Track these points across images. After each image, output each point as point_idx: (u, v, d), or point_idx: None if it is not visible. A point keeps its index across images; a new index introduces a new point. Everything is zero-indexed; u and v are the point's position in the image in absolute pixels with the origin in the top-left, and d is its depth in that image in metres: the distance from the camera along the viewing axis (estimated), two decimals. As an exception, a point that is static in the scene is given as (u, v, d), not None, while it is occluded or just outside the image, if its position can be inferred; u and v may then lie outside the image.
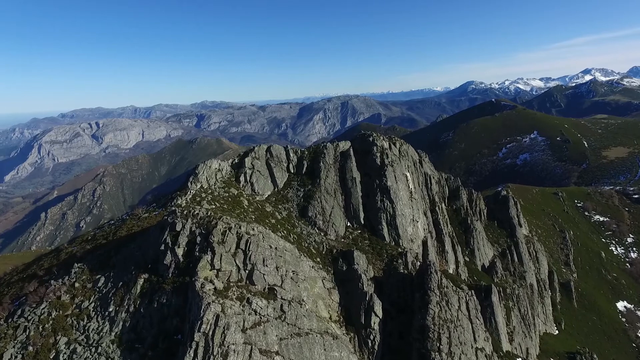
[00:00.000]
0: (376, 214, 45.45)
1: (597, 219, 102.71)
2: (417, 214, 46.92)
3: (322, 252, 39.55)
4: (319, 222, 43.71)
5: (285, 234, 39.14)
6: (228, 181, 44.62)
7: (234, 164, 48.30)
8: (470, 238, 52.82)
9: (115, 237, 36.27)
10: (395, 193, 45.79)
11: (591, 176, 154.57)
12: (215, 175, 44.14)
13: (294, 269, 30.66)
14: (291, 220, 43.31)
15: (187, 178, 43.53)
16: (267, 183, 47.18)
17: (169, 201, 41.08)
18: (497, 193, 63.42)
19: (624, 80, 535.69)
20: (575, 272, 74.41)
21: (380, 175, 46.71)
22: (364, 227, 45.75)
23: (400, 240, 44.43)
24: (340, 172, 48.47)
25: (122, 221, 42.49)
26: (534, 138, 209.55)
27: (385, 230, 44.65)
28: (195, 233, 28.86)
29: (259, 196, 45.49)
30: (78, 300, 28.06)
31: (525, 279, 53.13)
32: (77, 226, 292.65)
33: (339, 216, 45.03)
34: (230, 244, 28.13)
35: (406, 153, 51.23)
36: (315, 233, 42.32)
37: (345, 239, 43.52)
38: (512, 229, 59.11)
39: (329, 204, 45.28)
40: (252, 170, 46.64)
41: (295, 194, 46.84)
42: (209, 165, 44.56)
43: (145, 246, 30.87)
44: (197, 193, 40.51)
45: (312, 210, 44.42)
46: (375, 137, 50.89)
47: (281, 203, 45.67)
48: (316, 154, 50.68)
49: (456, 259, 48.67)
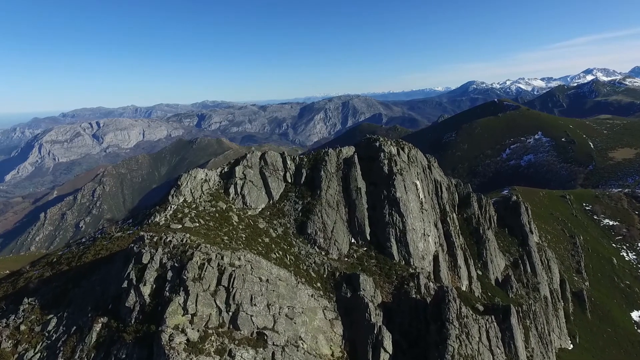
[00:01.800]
0: (384, 229, 41.43)
1: (606, 223, 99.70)
2: (429, 227, 43.29)
3: (323, 275, 35.86)
4: (320, 239, 39.70)
5: (280, 256, 35.52)
6: (216, 193, 40.27)
7: (223, 173, 43.69)
8: (483, 249, 49.63)
9: (78, 264, 30.57)
10: (405, 205, 41.71)
11: (598, 178, 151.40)
12: (201, 187, 39.57)
13: (289, 304, 26.67)
14: (288, 238, 39.24)
15: (169, 189, 38.82)
16: (260, 195, 42.87)
17: (146, 218, 36.02)
18: (507, 199, 60.59)
19: (626, 80, 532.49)
20: (587, 280, 71.61)
21: (389, 185, 42.66)
22: (370, 244, 41.72)
23: (411, 258, 40.28)
24: (343, 181, 44.50)
25: (92, 240, 36.93)
26: (538, 139, 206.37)
27: (395, 247, 40.55)
28: (166, 266, 23.68)
29: (251, 210, 41.14)
30: (22, 348, 23.37)
31: (539, 291, 50.30)
32: (76, 226, 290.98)
33: (342, 232, 41.09)
34: (209, 280, 23.35)
35: (415, 159, 47.85)
36: (316, 253, 38.52)
37: (349, 257, 39.73)
38: (524, 237, 56.11)
39: (331, 218, 41.20)
40: (243, 180, 42.21)
41: (292, 207, 42.54)
42: (193, 175, 39.81)
43: (107, 280, 25.82)
44: (179, 208, 35.99)
45: (311, 226, 40.32)
46: (382, 142, 47.06)
47: (277, 218, 41.44)
48: (316, 162, 46.56)
49: (469, 274, 45.33)
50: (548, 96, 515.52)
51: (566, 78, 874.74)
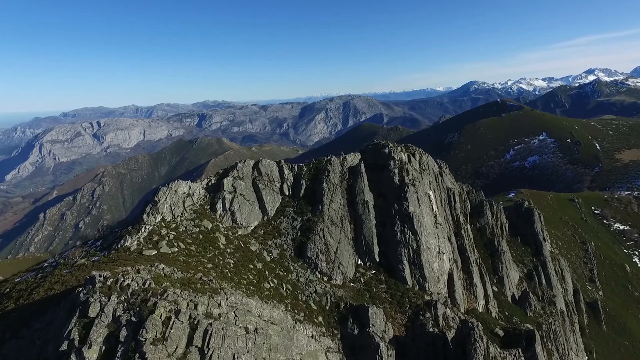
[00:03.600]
0: (395, 249, 37.34)
1: (616, 228, 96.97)
2: (443, 244, 39.27)
3: (325, 307, 31.58)
4: (322, 263, 35.35)
5: (275, 285, 31.15)
6: (200, 210, 35.24)
7: (210, 185, 38.44)
8: (499, 263, 46.27)
9: (26, 301, 23.93)
10: (419, 221, 37.62)
11: (605, 180, 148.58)
12: (182, 203, 34.29)
13: (284, 356, 22.11)
14: (284, 262, 34.72)
15: (145, 205, 32.98)
16: (253, 210, 37.70)
17: (116, 241, 29.90)
18: (519, 205, 57.83)
19: (628, 80, 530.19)
20: (600, 289, 68.84)
21: (400, 197, 38.57)
22: (379, 266, 37.52)
23: (426, 282, 36.15)
24: (348, 193, 39.90)
25: (52, 267, 29.68)
26: (542, 140, 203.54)
27: (407, 270, 36.51)
28: (120, 321, 17.38)
29: (241, 229, 36.19)
30: None
31: (555, 305, 47.32)
32: (76, 227, 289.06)
33: (347, 252, 36.81)
34: (176, 340, 17.14)
35: (427, 166, 44.09)
36: (317, 279, 34.24)
37: (355, 282, 35.66)
38: (538, 247, 53.11)
39: (335, 237, 36.84)
40: (233, 194, 37.00)
41: (290, 224, 37.79)
42: (174, 188, 34.36)
43: (46, 334, 19.46)
44: (156, 229, 30.60)
45: (312, 247, 35.91)
46: (392, 148, 42.84)
47: (272, 238, 36.70)
48: (317, 171, 41.59)
49: (485, 292, 41.59)
50: (550, 96, 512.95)
51: (568, 78, 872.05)
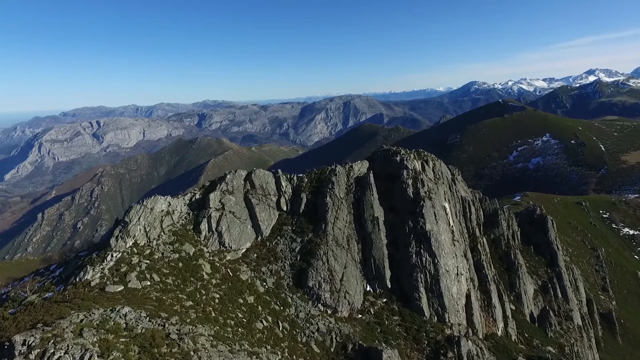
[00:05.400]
0: (409, 274, 32.83)
1: (626, 232, 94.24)
2: (462, 263, 34.92)
3: (330, 348, 27.42)
4: (325, 294, 30.55)
5: (270, 324, 26.66)
6: (182, 231, 29.89)
7: (194, 201, 32.91)
8: (515, 278, 42.92)
9: None
10: (437, 240, 33.02)
11: (611, 183, 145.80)
12: (160, 223, 28.70)
13: None
14: (281, 294, 29.77)
15: (115, 226, 27.52)
16: (244, 230, 32.52)
17: (75, 271, 24.36)
18: (532, 212, 55.13)
19: (629, 81, 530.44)
20: (614, 298, 66.24)
21: (415, 213, 33.95)
22: (391, 293, 33.19)
23: (445, 313, 31.50)
24: (355, 208, 35.19)
25: (1, 301, 25.08)
26: (546, 141, 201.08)
27: (424, 299, 32.02)
28: None
29: (230, 253, 30.99)
30: None
31: (572, 320, 44.52)
32: (74, 227, 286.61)
33: (354, 278, 32.17)
34: None
35: (441, 174, 39.97)
36: (319, 314, 29.57)
37: (364, 313, 31.06)
38: (552, 256, 50.14)
39: (340, 261, 32.03)
40: (220, 211, 31.67)
41: (288, 246, 32.77)
42: (150, 206, 28.64)
43: None
44: (125, 257, 25.20)
45: (314, 275, 31.03)
46: (405, 155, 37.90)
47: (266, 263, 31.64)
48: (320, 183, 36.90)
49: (504, 314, 37.53)
50: (551, 97, 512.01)
51: (568, 79, 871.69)
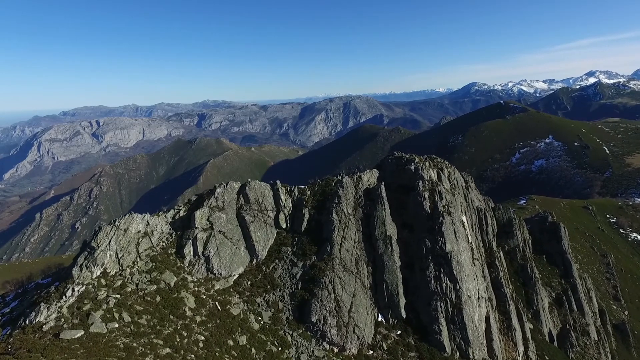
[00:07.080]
0: (427, 302, 28.35)
1: (634, 238, 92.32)
2: (482, 284, 30.61)
3: None
4: (331, 330, 25.76)
5: None
6: (162, 256, 24.84)
7: (177, 219, 27.93)
8: (534, 295, 39.66)
9: None
10: (458, 262, 28.52)
11: (616, 186, 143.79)
12: (136, 247, 23.72)
13: None
14: (280, 331, 25.23)
15: (81, 252, 22.92)
16: (237, 253, 27.62)
17: (26, 311, 19.76)
18: (543, 219, 52.92)
19: (630, 82, 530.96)
20: (626, 308, 64.21)
21: (433, 230, 29.61)
22: (406, 324, 28.64)
23: (470, 347, 27.01)
24: (364, 224, 30.81)
25: None
26: (549, 143, 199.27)
27: (445, 332, 27.49)
28: None
29: (220, 281, 26.17)
30: None
31: (589, 335, 42.16)
32: (72, 227, 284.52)
33: (364, 308, 27.55)
34: None
35: (456, 183, 36.09)
36: (325, 354, 25.00)
37: (375, 349, 26.49)
38: (566, 267, 47.55)
39: (348, 289, 27.46)
40: (209, 232, 26.66)
41: (287, 271, 28.33)
42: (123, 227, 23.55)
43: None
44: (90, 290, 20.35)
45: (318, 308, 26.20)
46: (419, 163, 33.27)
47: (262, 292, 26.82)
48: (325, 196, 32.49)
49: (524, 335, 33.71)
50: (552, 98, 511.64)
51: (568, 80, 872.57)
